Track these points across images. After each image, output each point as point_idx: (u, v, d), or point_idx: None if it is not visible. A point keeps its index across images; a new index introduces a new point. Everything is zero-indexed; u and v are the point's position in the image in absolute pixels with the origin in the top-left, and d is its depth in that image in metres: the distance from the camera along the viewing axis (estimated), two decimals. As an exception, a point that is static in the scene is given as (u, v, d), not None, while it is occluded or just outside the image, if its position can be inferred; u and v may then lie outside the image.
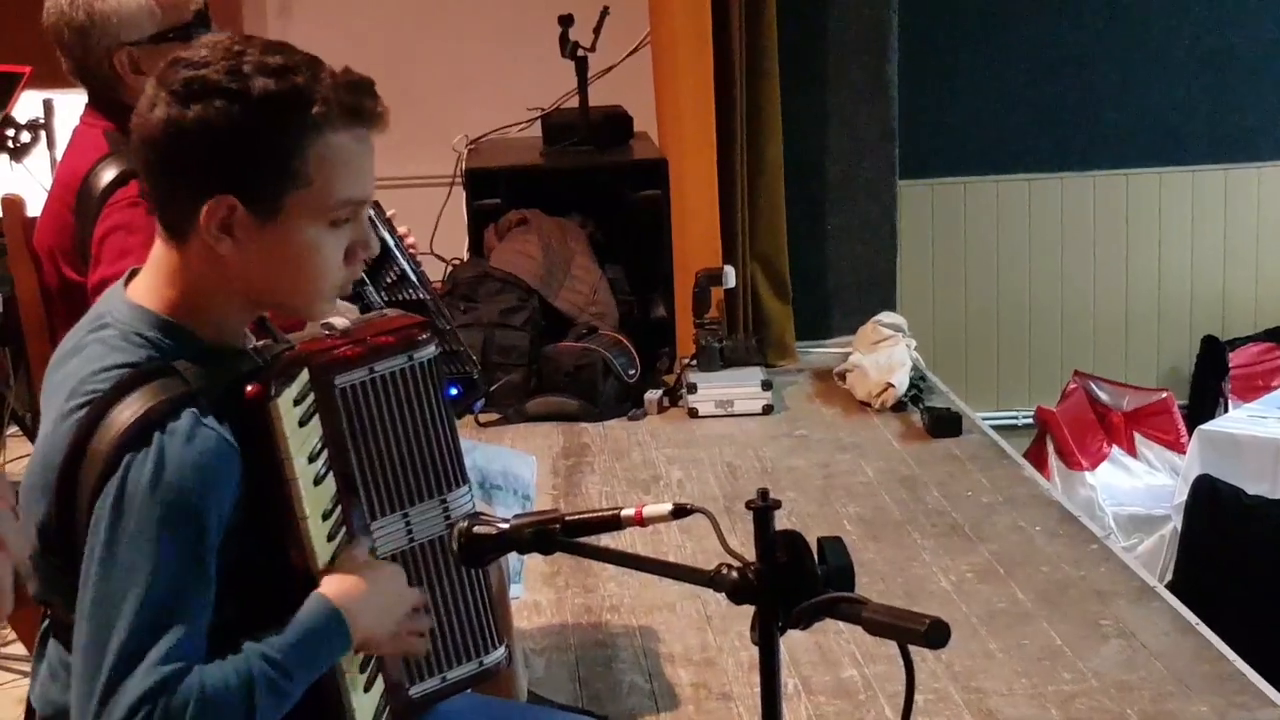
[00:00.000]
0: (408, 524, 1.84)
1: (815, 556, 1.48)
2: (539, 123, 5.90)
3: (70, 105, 2.76)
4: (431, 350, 1.86)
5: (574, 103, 5.77)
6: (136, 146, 1.71)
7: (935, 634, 1.36)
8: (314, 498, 1.74)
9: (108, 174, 2.55)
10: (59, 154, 3.57)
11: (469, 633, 1.93)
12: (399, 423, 1.83)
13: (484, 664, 1.95)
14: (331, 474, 1.76)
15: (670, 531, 4.16)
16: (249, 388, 1.69)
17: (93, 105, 2.68)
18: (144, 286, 1.75)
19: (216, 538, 1.64)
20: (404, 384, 1.83)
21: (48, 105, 4.22)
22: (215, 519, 1.64)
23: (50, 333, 2.65)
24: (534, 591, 3.85)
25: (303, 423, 1.72)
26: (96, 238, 2.49)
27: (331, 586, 1.72)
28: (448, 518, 1.87)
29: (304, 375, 1.74)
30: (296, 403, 1.72)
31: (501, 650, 1.97)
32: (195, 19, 2.63)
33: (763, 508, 1.49)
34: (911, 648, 1.42)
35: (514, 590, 3.16)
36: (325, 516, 1.75)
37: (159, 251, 1.75)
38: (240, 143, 1.65)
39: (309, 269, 1.72)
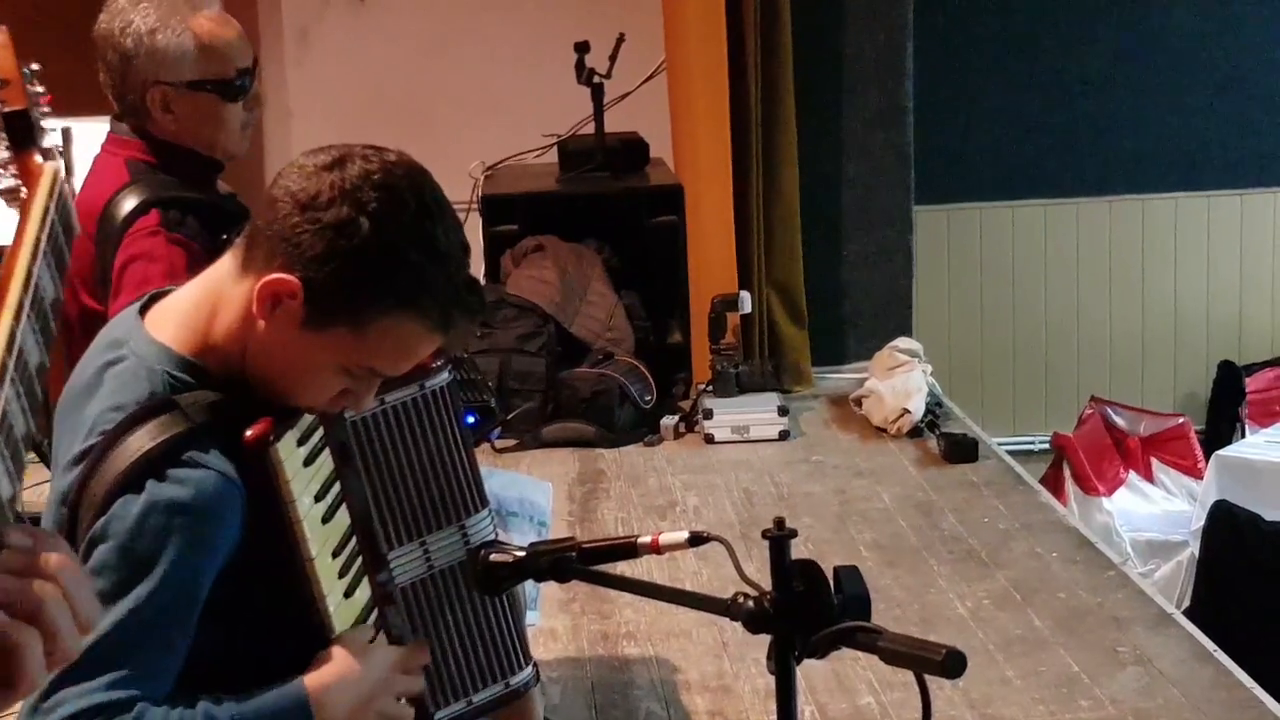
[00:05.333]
0: (426, 552, 1.85)
1: (832, 585, 1.48)
2: (555, 149, 5.91)
3: (90, 134, 2.77)
4: (445, 378, 1.86)
5: (590, 129, 5.79)
6: (279, 182, 1.71)
7: (952, 664, 1.36)
8: (322, 536, 1.74)
9: (129, 203, 2.57)
10: (78, 183, 3.59)
11: (495, 654, 1.93)
12: (413, 451, 1.83)
13: (511, 684, 1.95)
14: (342, 509, 1.76)
15: (687, 558, 4.16)
16: (248, 432, 1.69)
17: (115, 132, 2.70)
18: (170, 317, 1.77)
19: (206, 581, 1.65)
20: (416, 413, 1.84)
21: (66, 134, 4.24)
22: (205, 564, 1.64)
23: (69, 361, 2.66)
24: (550, 618, 3.85)
25: (308, 462, 1.73)
26: (117, 266, 2.51)
27: (318, 676, 1.71)
28: (467, 543, 1.88)
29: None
30: (300, 443, 1.73)
31: (529, 670, 1.98)
32: (237, 76, 2.66)
33: (779, 536, 1.50)
34: (928, 677, 1.42)
35: (530, 617, 3.16)
36: (335, 554, 1.75)
37: (214, 274, 1.77)
38: (347, 262, 1.67)
39: (300, 384, 1.74)
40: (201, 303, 1.76)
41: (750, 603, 1.50)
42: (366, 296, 1.69)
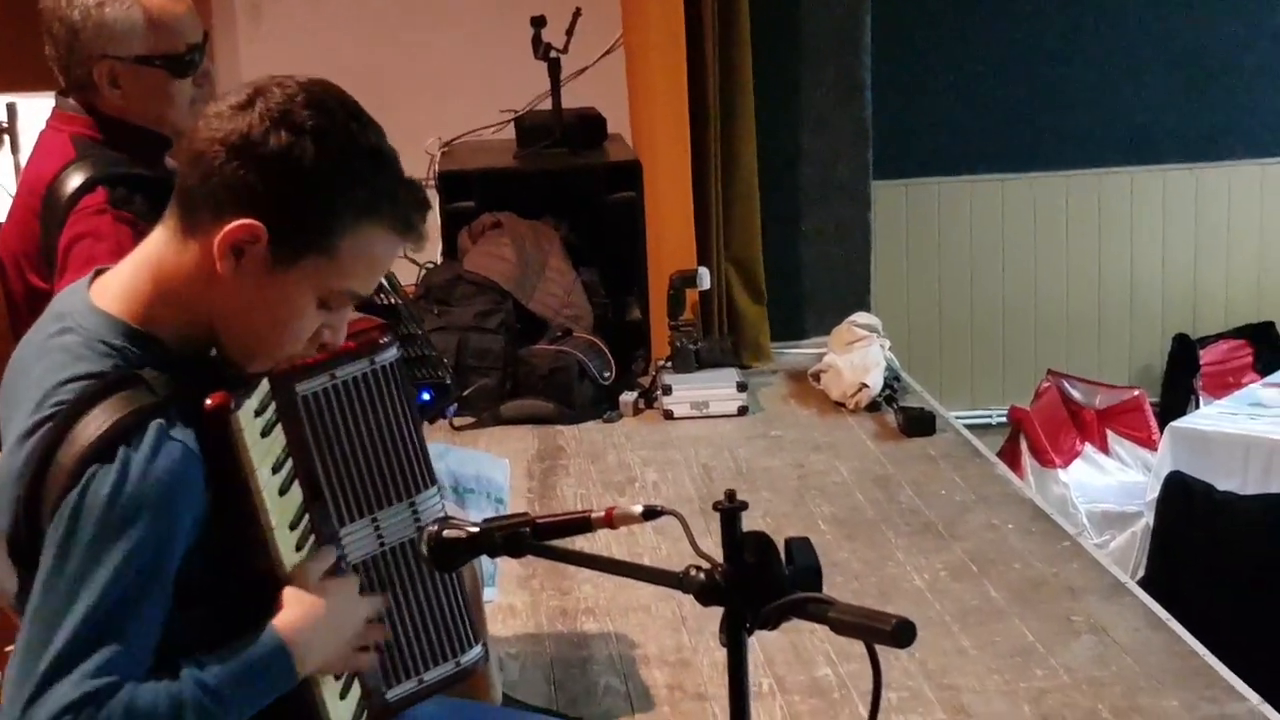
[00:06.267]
0: (377, 529, 1.84)
1: (783, 557, 1.49)
2: (512, 125, 5.89)
3: (35, 109, 2.75)
4: (393, 354, 1.85)
5: (547, 105, 5.77)
6: (198, 135, 1.69)
7: (902, 633, 1.37)
8: (280, 508, 1.73)
9: (74, 180, 2.54)
10: (23, 158, 3.56)
11: (445, 633, 1.92)
12: (364, 427, 1.82)
13: (461, 664, 1.94)
14: (297, 483, 1.75)
15: (645, 533, 4.17)
16: (208, 400, 1.67)
17: (61, 108, 2.67)
18: (114, 289, 1.74)
19: (178, 554, 1.63)
20: (367, 388, 1.82)
21: (12, 109, 4.21)
22: (177, 535, 1.63)
23: (15, 340, 2.64)
24: (509, 595, 3.85)
25: (265, 433, 1.72)
26: (62, 245, 2.48)
27: (286, 618, 1.70)
28: (417, 520, 1.87)
29: (264, 385, 1.73)
30: (258, 413, 1.71)
31: (478, 649, 1.97)
32: (187, 51, 2.63)
33: (730, 509, 1.50)
34: (883, 646, 1.43)
35: (488, 593, 3.16)
36: (292, 526, 1.75)
37: (151, 246, 1.74)
38: (305, 187, 1.66)
39: (281, 328, 1.73)
40: (144, 274, 1.73)
41: (702, 575, 1.50)
42: (329, 217, 1.67)
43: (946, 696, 3.29)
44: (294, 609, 1.71)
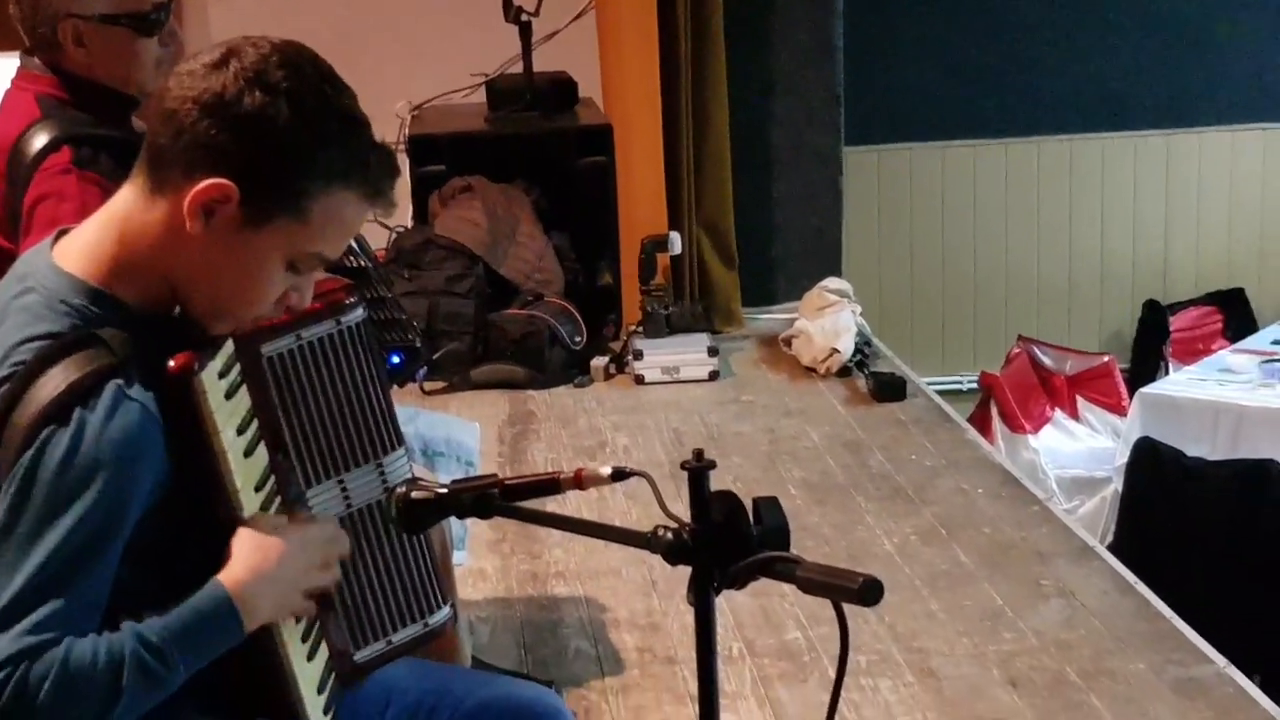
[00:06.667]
0: (344, 490, 1.83)
1: (751, 517, 1.48)
2: (483, 88, 5.86)
3: (0, 68, 2.71)
4: (359, 314, 1.84)
5: (518, 68, 5.74)
6: (169, 93, 1.67)
7: (868, 592, 1.37)
8: (245, 470, 1.72)
9: (39, 140, 2.51)
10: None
11: (413, 595, 1.92)
12: (330, 388, 1.81)
13: (429, 625, 1.94)
14: (262, 445, 1.74)
15: (616, 498, 4.17)
16: (171, 362, 1.66)
17: (25, 67, 2.64)
18: (76, 249, 1.72)
19: (133, 517, 1.62)
20: (333, 350, 1.81)
21: (-23, 69, 4.16)
22: (131, 497, 1.61)
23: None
24: (479, 559, 3.85)
25: (229, 395, 1.70)
26: (27, 205, 2.45)
27: (232, 569, 1.68)
28: (385, 482, 1.86)
29: (229, 346, 1.71)
30: (222, 375, 1.70)
31: (446, 610, 1.97)
32: (153, 10, 2.59)
33: (698, 468, 1.50)
34: (852, 608, 1.43)
35: (457, 557, 3.16)
36: (258, 488, 1.73)
37: (117, 205, 1.72)
38: (278, 148, 1.65)
39: (249, 290, 1.71)
40: (109, 234, 1.71)
41: (669, 535, 1.49)
42: (301, 179, 1.66)
43: (915, 659, 3.30)
44: (241, 560, 1.69)
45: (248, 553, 1.70)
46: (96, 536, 1.59)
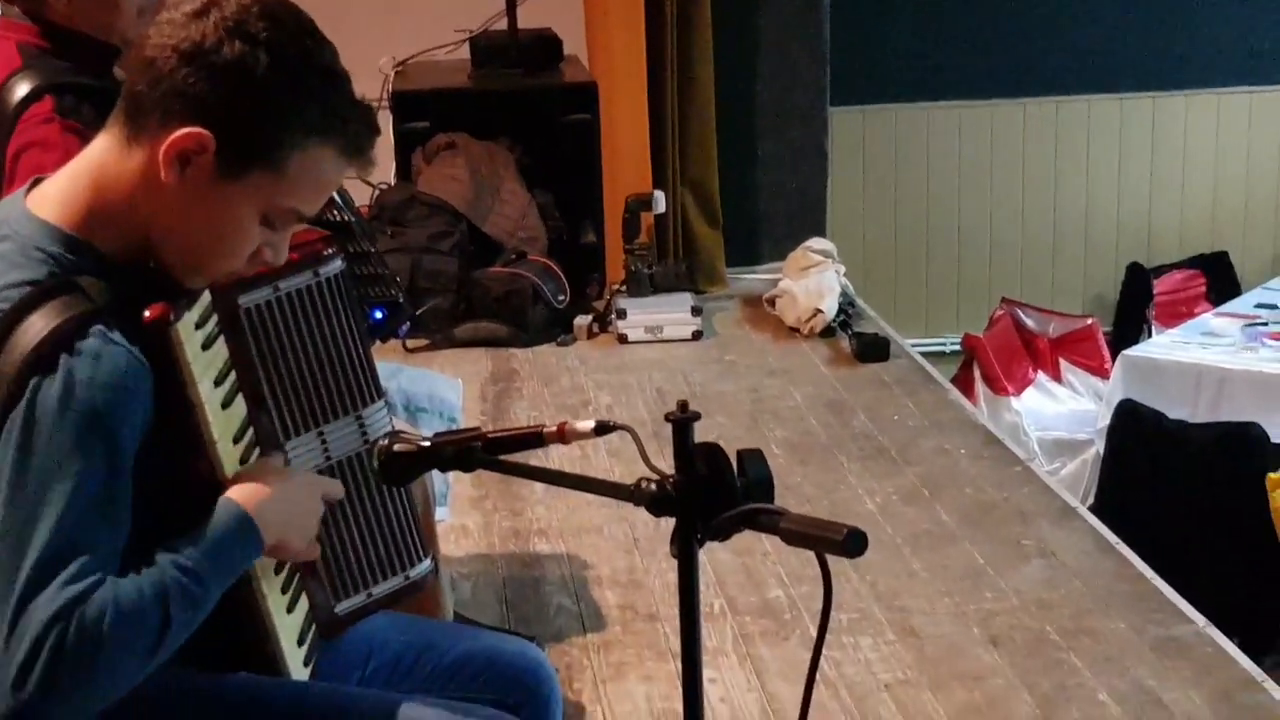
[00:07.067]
0: (324, 442, 1.82)
1: (735, 469, 1.48)
2: (467, 45, 5.82)
3: (-20, 18, 2.68)
4: (338, 265, 1.82)
5: (503, 25, 5.70)
6: (149, 41, 1.66)
7: (852, 543, 1.36)
8: (222, 421, 1.71)
9: (21, 89, 2.48)
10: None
11: (393, 547, 1.91)
12: (308, 340, 1.79)
13: (410, 577, 1.93)
14: (240, 397, 1.73)
15: (599, 455, 4.17)
16: (147, 311, 1.64)
17: (6, 15, 2.61)
18: (52, 196, 1.71)
19: (130, 456, 1.61)
20: (311, 301, 1.80)
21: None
22: (128, 437, 1.61)
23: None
24: (461, 515, 3.84)
25: (206, 346, 1.69)
26: (10, 154, 2.42)
27: (239, 491, 1.69)
28: (364, 434, 1.85)
29: (206, 297, 1.70)
30: (199, 326, 1.68)
31: (427, 563, 1.96)
32: None
33: (682, 419, 1.49)
34: (835, 565, 1.42)
35: (440, 513, 3.15)
36: (236, 440, 1.72)
37: (93, 153, 1.70)
38: (257, 99, 1.63)
39: (223, 242, 1.69)
40: (84, 181, 1.70)
41: (653, 486, 1.49)
42: (280, 131, 1.65)
43: (897, 618, 3.31)
44: (246, 484, 1.71)
45: (252, 478, 1.71)
46: (107, 478, 1.58)
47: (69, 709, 1.55)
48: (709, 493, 1.45)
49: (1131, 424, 4.70)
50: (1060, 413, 5.73)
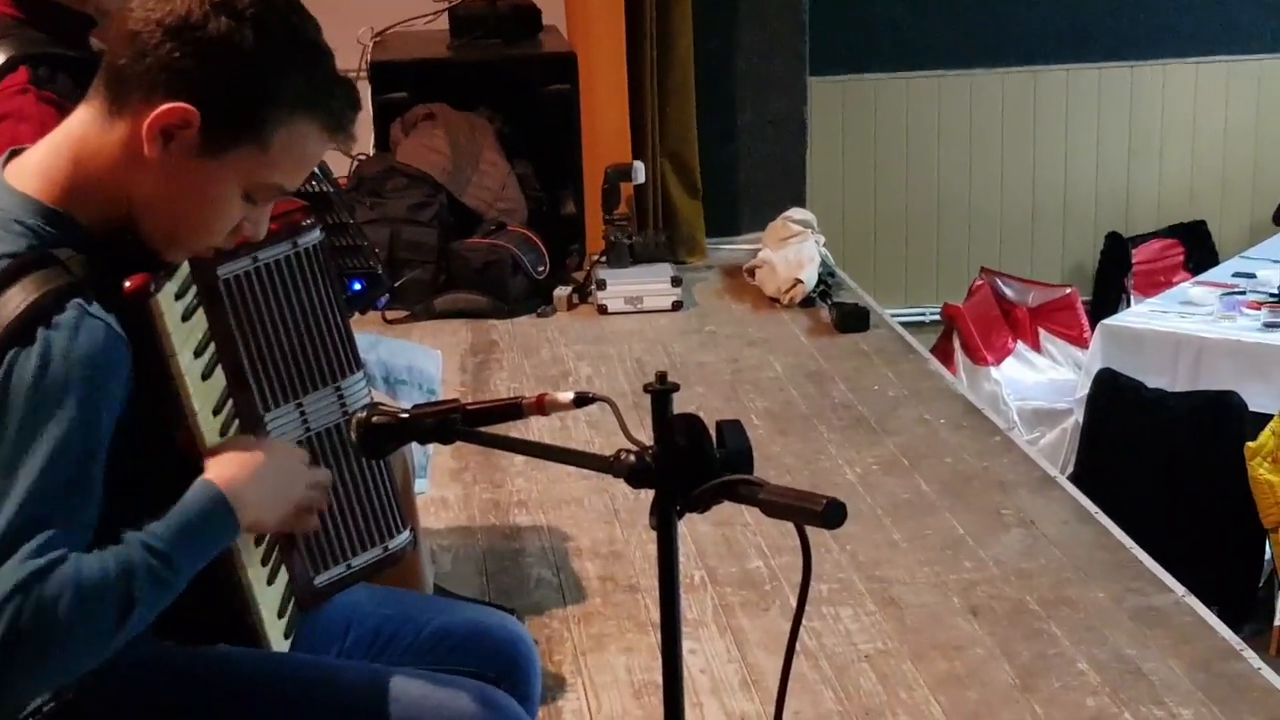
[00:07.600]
0: (303, 413, 1.81)
1: (714, 440, 1.48)
2: (446, 15, 5.80)
3: (-47, -12, 2.65)
4: (316, 235, 1.82)
5: (481, -6, 5.68)
6: (133, 15, 1.65)
7: (831, 514, 1.36)
8: (203, 393, 1.70)
9: (-6, 59, 2.46)
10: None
11: (372, 518, 1.91)
12: (287, 311, 1.79)
13: (389, 549, 1.93)
14: (220, 368, 1.72)
15: (579, 427, 4.17)
16: (127, 282, 1.63)
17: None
18: (30, 169, 1.69)
19: (107, 431, 1.61)
20: (290, 271, 1.79)
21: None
22: (105, 412, 1.60)
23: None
24: (441, 488, 3.84)
25: (186, 317, 1.68)
26: (-16, 125, 2.41)
27: (216, 470, 1.68)
28: (343, 405, 1.84)
29: (185, 268, 1.69)
30: (179, 297, 1.68)
31: (406, 534, 1.96)
32: None
33: (661, 390, 1.49)
34: (815, 536, 1.42)
35: (419, 485, 3.15)
36: (216, 412, 1.72)
37: (73, 125, 1.69)
38: (243, 75, 1.63)
39: (203, 218, 1.69)
40: (63, 154, 1.69)
41: (632, 457, 1.49)
42: (265, 108, 1.64)
43: (877, 588, 3.32)
44: (224, 461, 1.70)
45: (230, 455, 1.70)
46: (81, 453, 1.57)
47: (27, 681, 1.54)
48: (688, 464, 1.45)
49: (1110, 393, 4.71)
50: (1039, 382, 5.75)
